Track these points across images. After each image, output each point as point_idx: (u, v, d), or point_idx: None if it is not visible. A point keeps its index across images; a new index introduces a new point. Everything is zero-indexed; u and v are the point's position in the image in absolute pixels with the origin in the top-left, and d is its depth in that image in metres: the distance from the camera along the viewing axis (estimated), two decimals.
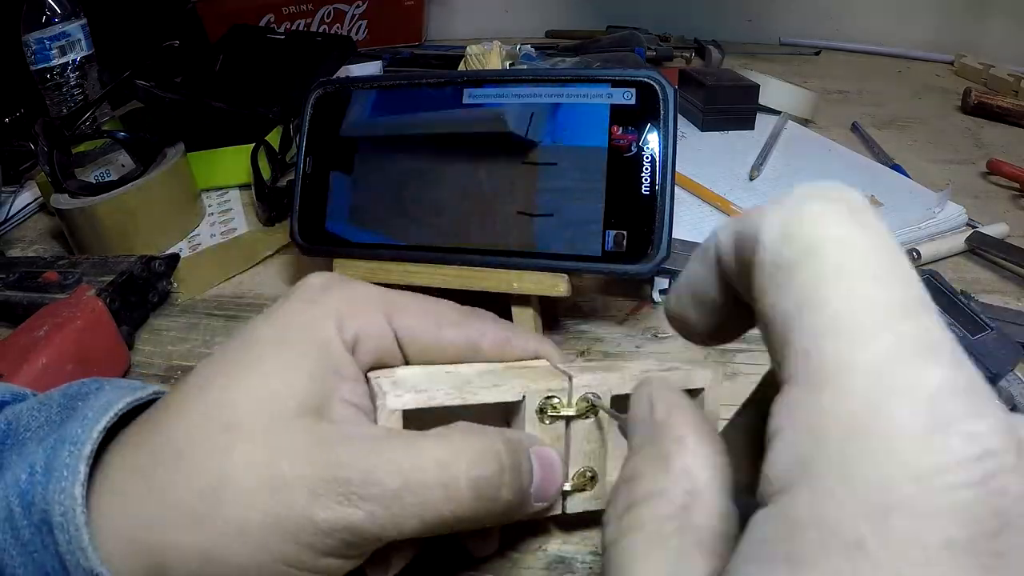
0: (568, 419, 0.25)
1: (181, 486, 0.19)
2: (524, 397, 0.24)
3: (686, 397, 0.18)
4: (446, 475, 0.20)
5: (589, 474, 0.26)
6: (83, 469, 0.18)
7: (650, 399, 0.18)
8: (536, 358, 0.27)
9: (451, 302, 0.26)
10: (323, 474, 0.19)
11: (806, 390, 0.12)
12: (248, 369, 0.21)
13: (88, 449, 0.19)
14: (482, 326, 0.26)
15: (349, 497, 0.19)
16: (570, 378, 0.25)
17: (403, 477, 0.19)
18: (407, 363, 0.25)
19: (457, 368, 0.25)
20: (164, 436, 0.20)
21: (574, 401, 0.25)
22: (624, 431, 0.20)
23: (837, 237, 0.13)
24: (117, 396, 0.21)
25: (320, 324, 0.22)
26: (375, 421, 0.22)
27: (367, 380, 0.23)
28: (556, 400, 0.24)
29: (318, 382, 0.21)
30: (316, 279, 0.24)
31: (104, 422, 0.20)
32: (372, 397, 0.23)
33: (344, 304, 0.23)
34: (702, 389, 0.26)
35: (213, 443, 0.20)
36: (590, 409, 0.25)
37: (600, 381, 0.25)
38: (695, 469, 0.15)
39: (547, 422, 0.24)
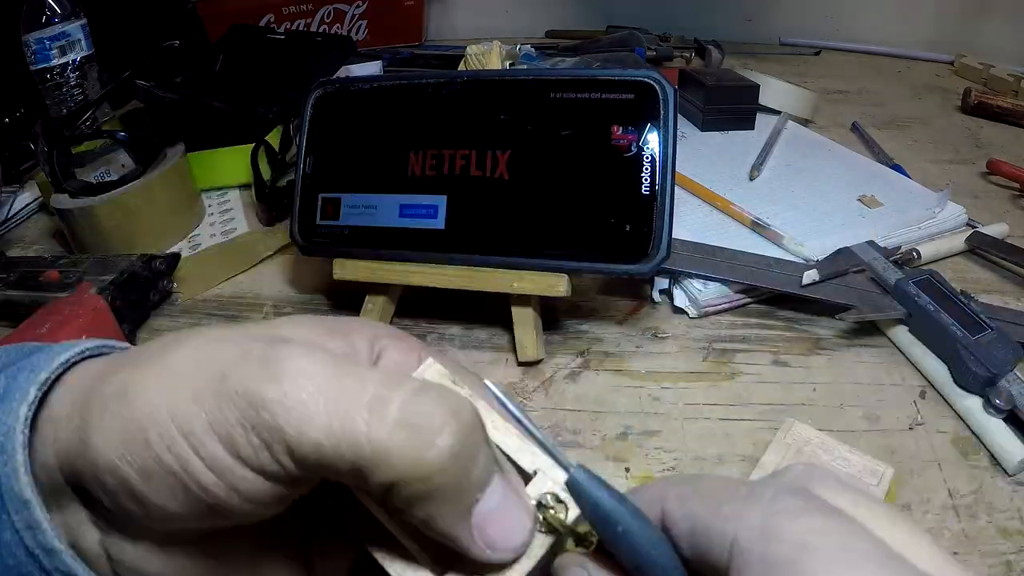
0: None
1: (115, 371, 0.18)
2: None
3: None
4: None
5: None
6: (33, 392, 0.18)
7: None
8: None
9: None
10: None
11: None
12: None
13: (44, 376, 0.18)
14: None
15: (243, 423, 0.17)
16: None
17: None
18: None
19: None
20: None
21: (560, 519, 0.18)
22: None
23: (821, 530, 0.15)
24: (90, 341, 0.21)
25: (354, 325, 0.21)
26: None
27: None
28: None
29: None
30: None
31: (68, 355, 0.19)
32: None
33: (380, 328, 0.22)
34: None
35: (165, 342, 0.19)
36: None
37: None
38: None
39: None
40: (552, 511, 0.18)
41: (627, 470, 0.35)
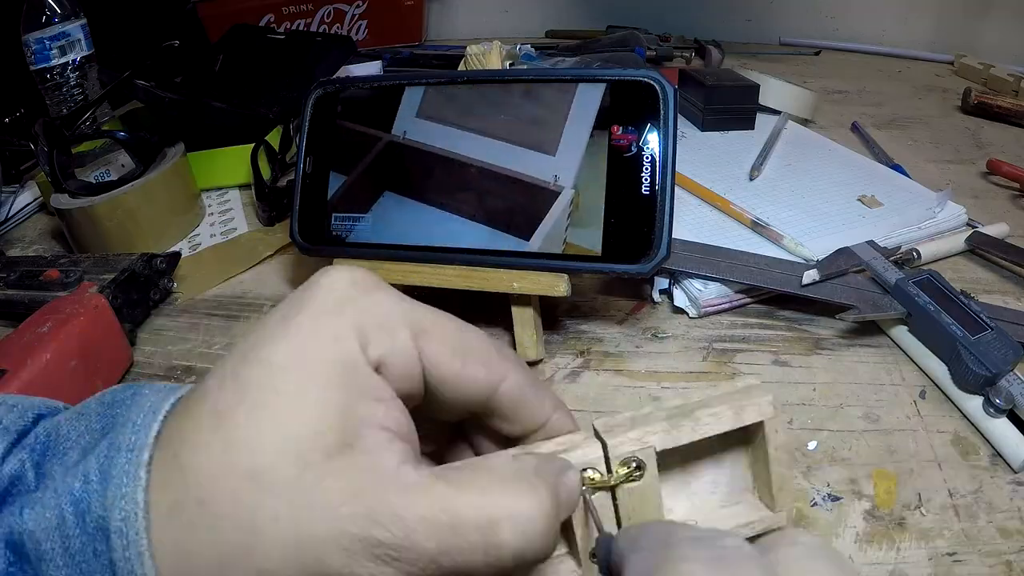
0: (613, 488, 0.22)
1: (206, 541, 0.18)
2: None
3: None
4: (489, 542, 0.19)
5: None
6: (144, 476, 0.18)
7: None
8: (542, 430, 0.23)
9: (480, 331, 0.23)
10: (357, 532, 0.18)
11: None
12: (267, 403, 0.19)
13: (146, 455, 0.18)
14: (505, 369, 0.23)
15: (383, 557, 0.18)
16: (604, 444, 0.22)
17: (440, 542, 0.18)
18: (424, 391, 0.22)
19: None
20: (186, 477, 0.19)
21: (614, 468, 0.22)
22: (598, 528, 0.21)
23: None
24: (159, 398, 0.20)
25: (342, 344, 0.20)
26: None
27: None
28: (593, 472, 0.22)
29: (346, 414, 0.19)
30: (335, 282, 0.21)
31: (156, 427, 0.19)
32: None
33: (368, 319, 0.20)
34: (761, 423, 0.24)
35: (238, 494, 0.18)
36: (634, 472, 0.22)
37: (638, 439, 0.22)
38: None
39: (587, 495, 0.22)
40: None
41: None
